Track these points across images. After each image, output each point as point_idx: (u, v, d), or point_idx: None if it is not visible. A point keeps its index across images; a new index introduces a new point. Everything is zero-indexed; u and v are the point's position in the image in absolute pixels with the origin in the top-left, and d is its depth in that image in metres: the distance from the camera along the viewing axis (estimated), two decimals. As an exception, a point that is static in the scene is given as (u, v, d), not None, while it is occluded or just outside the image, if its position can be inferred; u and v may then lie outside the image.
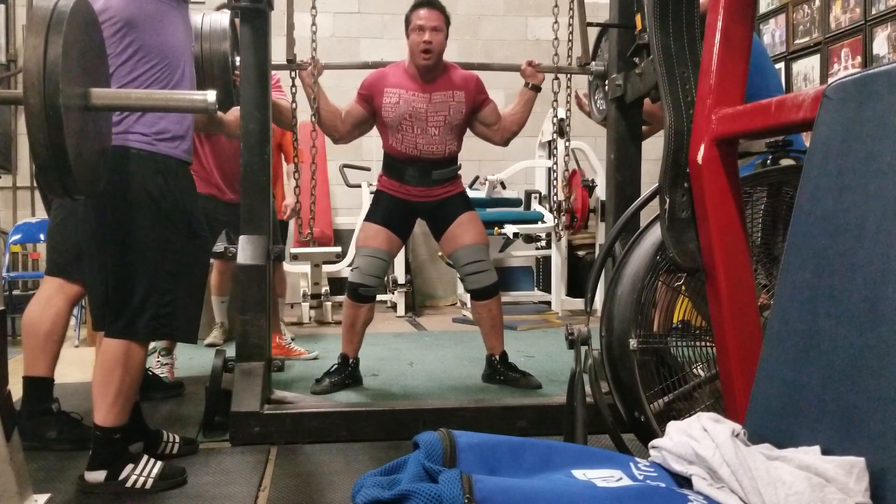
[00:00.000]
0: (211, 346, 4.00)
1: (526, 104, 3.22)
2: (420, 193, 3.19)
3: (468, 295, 3.34)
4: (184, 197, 2.17)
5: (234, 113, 2.84)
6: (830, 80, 1.18)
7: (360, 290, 3.11)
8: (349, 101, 3.19)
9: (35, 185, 5.90)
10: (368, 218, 3.25)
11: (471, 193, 5.71)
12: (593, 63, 3.15)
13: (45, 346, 2.47)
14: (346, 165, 5.67)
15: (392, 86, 3.12)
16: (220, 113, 3.06)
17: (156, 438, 2.36)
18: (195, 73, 2.34)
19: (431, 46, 3.03)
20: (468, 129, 3.27)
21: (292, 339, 4.14)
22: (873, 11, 4.45)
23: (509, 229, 5.37)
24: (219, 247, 3.64)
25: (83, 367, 3.66)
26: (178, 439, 2.41)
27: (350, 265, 3.78)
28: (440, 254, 4.76)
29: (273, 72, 2.96)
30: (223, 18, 2.68)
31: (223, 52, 2.69)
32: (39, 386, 2.46)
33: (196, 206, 2.26)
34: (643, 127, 3.04)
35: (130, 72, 2.07)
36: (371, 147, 6.49)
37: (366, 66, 3.34)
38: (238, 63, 2.76)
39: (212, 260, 3.75)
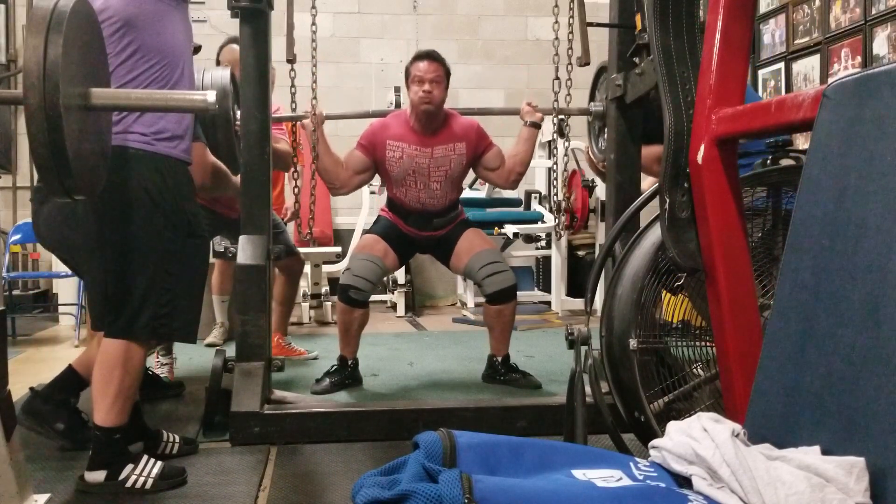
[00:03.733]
0: (211, 345, 3.99)
1: (527, 142, 3.23)
2: (422, 235, 3.26)
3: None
4: (183, 196, 2.16)
5: (236, 182, 2.90)
6: (830, 80, 1.18)
7: (350, 292, 3.06)
8: (349, 149, 3.21)
9: (35, 185, 5.92)
10: (366, 232, 3.30)
11: (471, 193, 5.74)
12: (591, 104, 3.20)
13: None
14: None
15: (394, 138, 3.13)
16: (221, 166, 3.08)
17: (156, 438, 2.36)
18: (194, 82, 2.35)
19: (432, 97, 3.05)
20: (473, 171, 3.32)
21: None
22: (873, 11, 4.45)
23: (509, 229, 5.37)
24: (219, 246, 3.65)
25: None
26: (178, 439, 2.41)
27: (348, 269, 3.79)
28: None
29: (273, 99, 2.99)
30: (224, 75, 2.75)
31: (225, 110, 2.81)
32: (74, 380, 2.44)
33: (195, 206, 2.26)
34: (649, 180, 3.08)
35: (130, 71, 2.07)
36: (371, 147, 6.50)
37: (367, 115, 3.38)
38: (238, 116, 2.82)
39: (212, 259, 3.76)
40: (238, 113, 2.82)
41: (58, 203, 2.46)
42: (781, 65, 5.33)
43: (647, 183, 3.12)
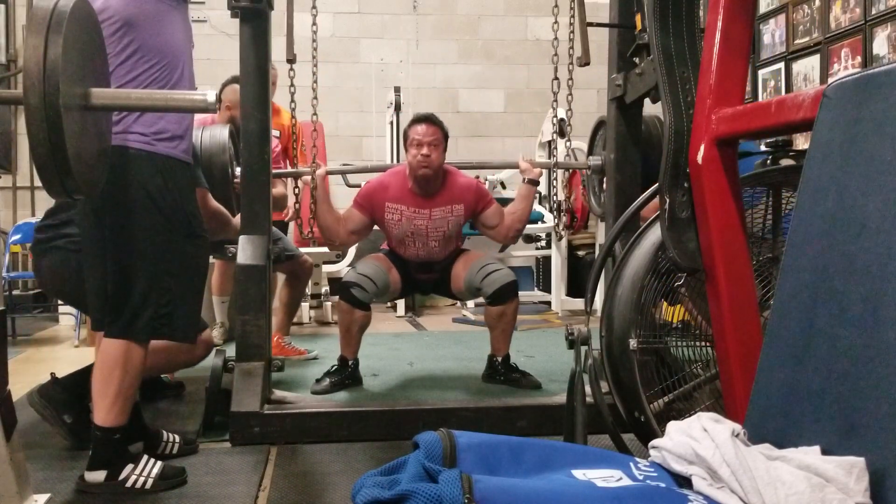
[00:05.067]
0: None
1: (525, 199, 3.25)
2: (422, 277, 3.32)
3: (484, 300, 3.30)
4: (183, 196, 2.16)
5: (236, 224, 2.93)
6: (830, 80, 1.18)
7: (353, 289, 3.06)
8: (347, 207, 3.25)
9: (35, 185, 5.93)
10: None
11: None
12: (590, 158, 3.24)
13: None
14: (345, 165, 5.67)
15: (393, 200, 3.15)
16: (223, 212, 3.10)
17: (156, 438, 2.36)
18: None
19: (430, 161, 3.06)
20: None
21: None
22: (873, 11, 4.45)
23: (509, 229, 5.36)
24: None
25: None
26: (177, 439, 2.41)
27: (351, 265, 3.79)
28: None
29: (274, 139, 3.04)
30: (223, 132, 2.77)
31: (223, 164, 2.92)
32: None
33: (195, 206, 2.26)
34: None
35: (129, 71, 2.07)
36: (371, 147, 6.50)
37: (366, 170, 3.40)
38: (238, 172, 2.85)
39: (212, 260, 3.76)
40: (237, 169, 2.85)
41: (60, 256, 2.53)
42: (781, 65, 5.33)
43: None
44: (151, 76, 2.09)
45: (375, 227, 3.27)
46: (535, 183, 3.23)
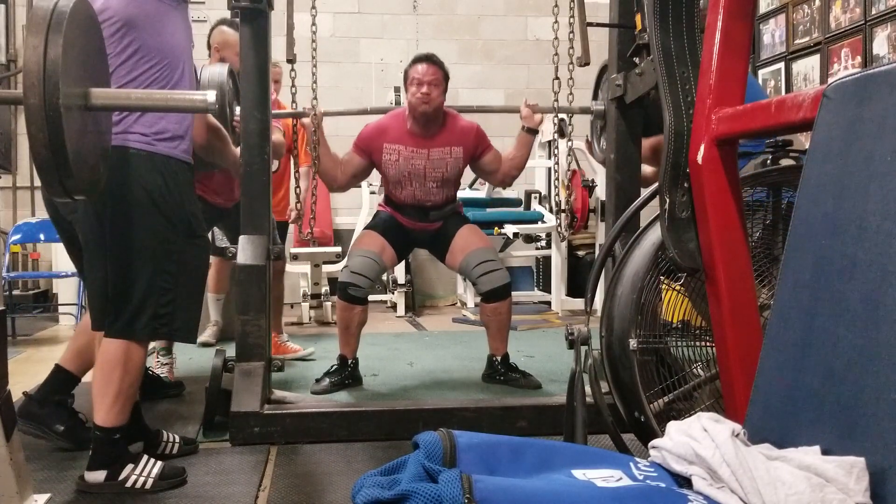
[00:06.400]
0: (204, 344, 3.97)
1: (523, 147, 3.27)
2: (418, 226, 3.27)
3: (469, 295, 3.33)
4: (183, 197, 2.16)
5: (235, 153, 2.87)
6: (830, 80, 1.18)
7: (349, 289, 3.08)
8: (347, 151, 3.22)
9: (35, 185, 5.92)
10: (366, 228, 3.31)
11: (471, 193, 5.74)
12: (594, 103, 3.21)
13: (87, 349, 2.45)
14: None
15: (391, 141, 3.15)
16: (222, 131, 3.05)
17: (156, 438, 2.36)
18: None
19: (429, 98, 3.06)
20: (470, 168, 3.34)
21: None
22: (873, 11, 4.45)
23: (509, 229, 5.37)
24: (220, 242, 3.67)
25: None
26: (177, 439, 2.41)
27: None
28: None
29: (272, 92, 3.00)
30: (222, 70, 2.76)
31: (221, 106, 2.83)
32: (65, 378, 2.45)
33: (196, 206, 2.26)
34: (649, 169, 3.08)
35: (130, 71, 2.07)
36: (371, 147, 6.50)
37: (365, 112, 3.38)
38: (238, 111, 2.81)
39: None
40: (237, 109, 2.82)
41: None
42: (781, 65, 5.33)
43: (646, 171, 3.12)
44: (152, 76, 2.09)
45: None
46: (534, 132, 3.24)
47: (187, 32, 2.26)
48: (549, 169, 5.44)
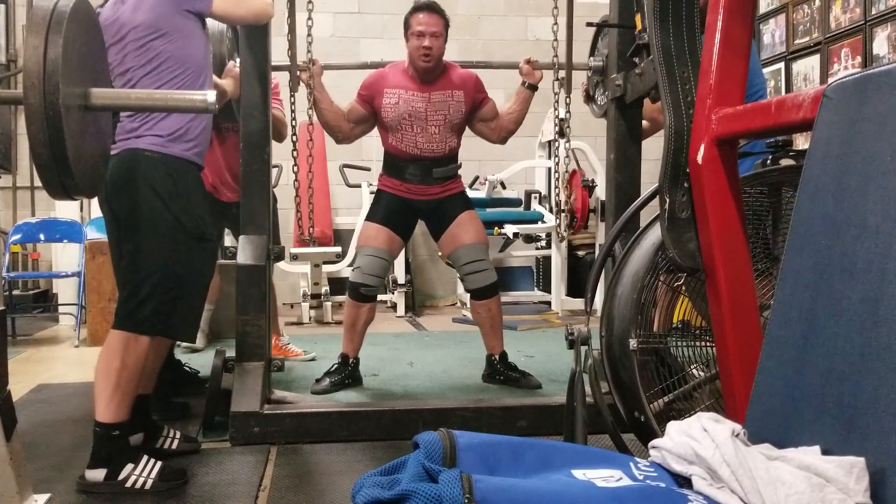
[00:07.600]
0: (192, 350, 3.93)
1: (523, 103, 3.25)
2: (420, 192, 3.19)
3: (468, 294, 3.34)
4: (194, 199, 2.21)
5: (233, 72, 2.85)
6: (830, 80, 1.18)
7: (361, 289, 3.11)
8: (350, 101, 3.20)
9: (35, 185, 5.92)
10: (369, 217, 3.24)
11: (471, 193, 5.70)
12: (591, 59, 3.19)
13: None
14: (346, 165, 5.67)
15: (392, 86, 3.13)
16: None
17: (156, 431, 2.37)
18: None
19: (431, 52, 3.04)
20: (467, 127, 3.29)
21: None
22: (873, 11, 4.45)
23: (509, 229, 5.36)
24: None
25: (83, 367, 3.66)
26: (178, 434, 2.42)
27: (351, 265, 3.78)
28: (440, 254, 4.77)
29: (273, 76, 2.97)
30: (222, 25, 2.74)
31: (220, 55, 2.89)
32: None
33: (205, 209, 2.29)
34: (643, 123, 3.06)
35: (155, 81, 2.14)
36: (371, 147, 6.48)
37: (365, 66, 3.35)
38: (237, 62, 2.81)
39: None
40: (237, 58, 2.83)
41: None
42: (781, 65, 5.33)
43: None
44: (176, 86, 2.17)
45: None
46: (533, 88, 3.23)
47: (207, 47, 2.33)
48: (549, 169, 5.44)
